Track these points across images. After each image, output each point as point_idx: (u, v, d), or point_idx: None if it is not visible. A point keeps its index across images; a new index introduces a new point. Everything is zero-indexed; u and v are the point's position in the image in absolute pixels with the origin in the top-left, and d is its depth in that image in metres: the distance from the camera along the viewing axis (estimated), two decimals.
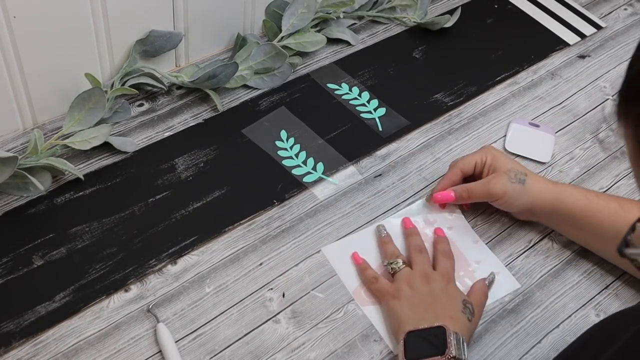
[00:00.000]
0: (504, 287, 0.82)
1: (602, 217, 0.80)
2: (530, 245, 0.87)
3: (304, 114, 0.99)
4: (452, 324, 0.72)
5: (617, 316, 0.67)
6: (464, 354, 0.70)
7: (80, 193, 0.87)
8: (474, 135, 1.00)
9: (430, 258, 0.82)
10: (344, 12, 1.11)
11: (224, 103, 0.99)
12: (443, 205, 0.88)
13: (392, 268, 0.80)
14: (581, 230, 0.83)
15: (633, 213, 0.80)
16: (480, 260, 0.85)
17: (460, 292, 0.77)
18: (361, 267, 0.82)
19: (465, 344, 0.71)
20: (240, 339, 0.76)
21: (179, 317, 0.77)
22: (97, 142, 0.89)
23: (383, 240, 0.85)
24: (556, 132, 1.02)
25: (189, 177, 0.90)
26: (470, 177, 0.87)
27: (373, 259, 0.83)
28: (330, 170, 0.93)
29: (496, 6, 1.22)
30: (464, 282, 0.82)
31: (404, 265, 0.80)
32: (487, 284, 0.81)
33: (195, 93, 1.00)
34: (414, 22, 1.16)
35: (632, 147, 0.43)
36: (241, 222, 0.86)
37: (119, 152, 0.91)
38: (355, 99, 1.03)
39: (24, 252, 0.80)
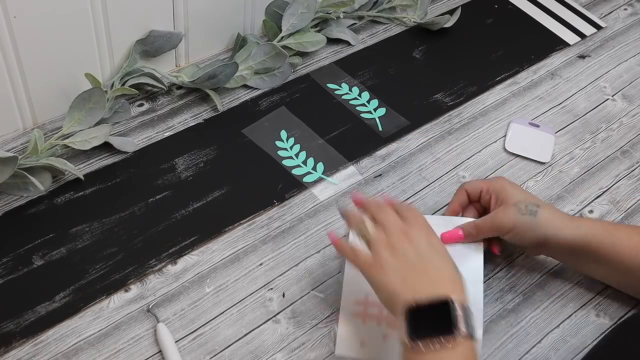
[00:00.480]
0: None
1: (623, 250, 0.75)
2: None
3: (304, 114, 0.99)
4: (454, 290, 0.65)
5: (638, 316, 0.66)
6: (473, 329, 0.63)
7: (80, 193, 0.87)
8: (474, 135, 1.00)
9: (413, 219, 0.72)
10: (344, 12, 1.11)
11: (224, 103, 1.00)
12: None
13: (362, 235, 0.71)
14: (600, 265, 0.78)
15: None
16: None
17: (442, 243, 0.71)
18: (339, 244, 0.73)
19: (472, 315, 0.64)
20: (240, 339, 0.76)
21: (179, 317, 0.77)
22: (97, 142, 0.89)
23: (346, 215, 0.75)
24: (556, 132, 1.02)
25: (189, 177, 0.90)
26: (477, 205, 0.83)
27: None
28: (330, 170, 0.93)
29: (496, 6, 1.22)
30: None
31: (374, 229, 0.70)
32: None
33: (195, 93, 1.00)
34: (414, 22, 1.16)
35: None
36: (241, 222, 0.86)
37: (119, 152, 0.91)
38: (355, 99, 1.03)
39: (24, 252, 0.80)
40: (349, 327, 0.76)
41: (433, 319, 0.63)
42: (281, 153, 0.94)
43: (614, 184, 0.96)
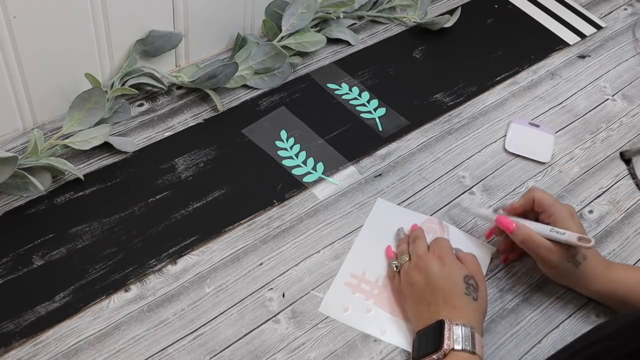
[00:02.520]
0: None
1: None
2: None
3: (304, 114, 1.00)
4: (456, 314, 0.71)
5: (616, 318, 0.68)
6: (471, 346, 0.68)
7: (80, 193, 0.87)
8: (474, 135, 1.00)
9: (427, 243, 0.80)
10: (344, 12, 1.11)
11: (224, 103, 1.00)
12: (488, 235, 0.86)
13: (395, 266, 0.80)
14: (624, 307, 0.79)
15: None
16: None
17: (460, 267, 0.75)
18: (389, 264, 0.82)
19: (474, 335, 0.69)
20: (240, 339, 0.76)
21: (179, 317, 0.77)
22: (97, 142, 0.89)
23: (399, 241, 0.85)
24: (556, 132, 1.02)
25: (189, 177, 0.90)
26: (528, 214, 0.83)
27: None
28: (330, 170, 0.93)
29: (496, 6, 1.22)
30: None
31: (407, 260, 0.79)
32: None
33: (195, 93, 1.00)
34: (414, 22, 1.16)
35: None
36: (241, 222, 0.86)
37: (119, 152, 0.91)
38: (355, 99, 1.03)
39: (24, 252, 0.80)
40: (339, 292, 0.81)
41: (432, 339, 0.70)
42: (281, 153, 0.94)
43: (614, 184, 0.96)
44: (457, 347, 0.68)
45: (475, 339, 0.69)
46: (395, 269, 0.80)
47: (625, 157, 0.51)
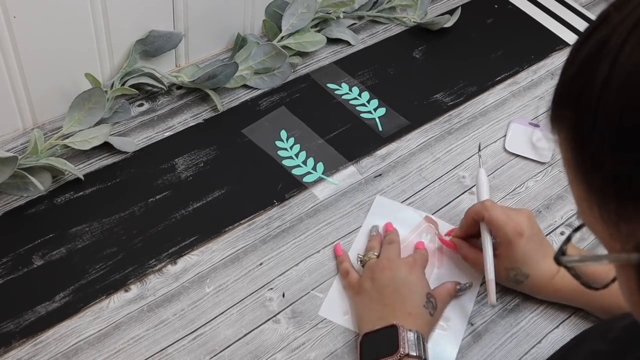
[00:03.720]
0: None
1: (594, 305, 0.78)
2: None
3: (304, 114, 0.99)
4: (411, 321, 0.71)
5: (592, 329, 0.68)
6: (422, 352, 0.69)
7: (80, 193, 0.87)
8: (474, 135, 1.00)
9: (400, 250, 0.81)
10: (344, 12, 1.11)
11: (224, 103, 0.99)
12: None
13: (362, 260, 0.81)
14: (589, 308, 0.80)
15: None
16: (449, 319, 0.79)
17: (425, 284, 0.76)
18: (339, 260, 0.82)
19: (424, 341, 0.70)
20: (240, 339, 0.76)
21: (179, 317, 0.77)
22: (97, 142, 0.89)
23: (370, 237, 0.85)
24: None
25: (189, 177, 0.90)
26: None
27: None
28: (330, 170, 0.93)
29: (496, 6, 1.22)
30: None
31: (375, 256, 0.79)
32: (458, 289, 0.80)
33: (195, 93, 1.00)
34: (414, 22, 1.16)
35: (566, 152, 0.41)
36: (241, 222, 0.86)
37: (119, 152, 0.91)
38: (355, 99, 1.03)
39: (24, 252, 0.80)
40: (338, 295, 0.80)
41: (382, 343, 0.70)
42: (281, 153, 0.94)
43: None
44: (412, 353, 0.68)
45: (425, 346, 0.70)
46: (358, 262, 0.81)
47: (562, 263, 0.51)
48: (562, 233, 0.89)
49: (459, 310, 0.80)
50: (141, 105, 0.98)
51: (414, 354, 0.68)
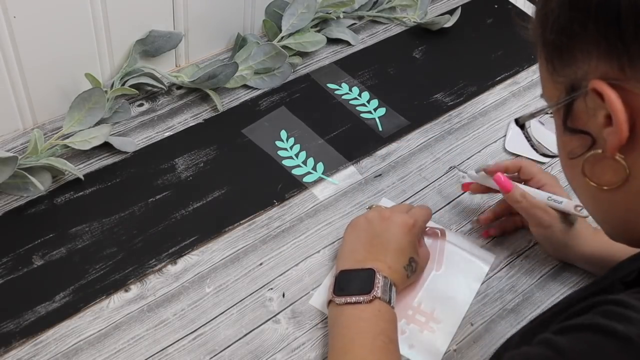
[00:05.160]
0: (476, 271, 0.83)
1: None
2: (530, 245, 0.87)
3: (304, 114, 0.99)
4: (388, 272, 0.74)
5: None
6: (391, 298, 0.73)
7: (80, 193, 0.87)
8: (474, 135, 1.00)
9: (409, 216, 0.80)
10: (344, 12, 1.11)
11: (224, 103, 1.00)
12: (466, 187, 0.88)
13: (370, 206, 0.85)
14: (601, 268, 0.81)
15: None
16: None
17: (413, 249, 0.77)
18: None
19: (394, 289, 0.74)
20: (240, 339, 0.76)
21: (179, 317, 0.77)
22: (97, 142, 0.89)
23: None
24: None
25: (189, 177, 0.90)
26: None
27: None
28: (330, 170, 0.93)
29: (496, 6, 1.22)
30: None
31: (382, 207, 0.82)
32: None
33: (195, 93, 1.00)
34: (414, 22, 1.16)
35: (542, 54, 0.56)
36: (241, 222, 0.86)
37: (119, 152, 0.91)
38: (355, 99, 1.03)
39: (24, 252, 0.80)
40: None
41: (357, 281, 0.73)
42: (281, 153, 0.94)
43: None
44: (384, 296, 0.72)
45: (394, 294, 0.74)
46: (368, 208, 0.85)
47: (520, 123, 0.59)
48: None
49: (451, 312, 0.79)
50: (141, 105, 0.98)
51: (385, 298, 0.72)
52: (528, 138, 0.64)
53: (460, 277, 0.83)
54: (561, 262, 0.85)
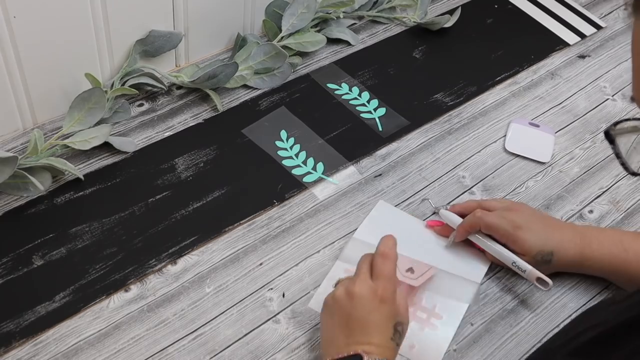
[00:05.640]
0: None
1: (633, 272, 0.79)
2: None
3: (304, 114, 0.99)
4: (377, 350, 0.67)
5: (599, 303, 0.68)
6: None
7: (80, 193, 0.87)
8: (474, 135, 1.00)
9: (375, 282, 0.71)
10: (344, 12, 1.11)
11: (224, 103, 1.00)
12: (431, 223, 0.87)
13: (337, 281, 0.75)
14: (615, 278, 0.82)
15: None
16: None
17: (395, 314, 0.69)
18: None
19: None
20: (240, 339, 0.76)
21: (179, 317, 0.77)
22: (97, 142, 0.89)
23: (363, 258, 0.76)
24: (556, 132, 1.02)
25: (189, 177, 0.90)
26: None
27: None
28: (330, 170, 0.93)
29: (496, 6, 1.22)
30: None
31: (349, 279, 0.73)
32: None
33: (195, 93, 1.00)
34: (414, 22, 1.16)
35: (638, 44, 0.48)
36: (241, 222, 0.86)
37: (119, 152, 0.91)
38: (355, 99, 1.03)
39: (24, 252, 0.80)
40: (330, 290, 0.76)
41: None
42: (281, 153, 0.94)
43: (614, 184, 0.96)
44: None
45: None
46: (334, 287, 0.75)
47: (611, 137, 0.56)
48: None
49: (452, 309, 0.79)
50: (141, 105, 0.98)
51: None
52: (618, 155, 0.57)
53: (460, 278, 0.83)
54: None
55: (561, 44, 1.16)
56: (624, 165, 0.57)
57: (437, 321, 0.78)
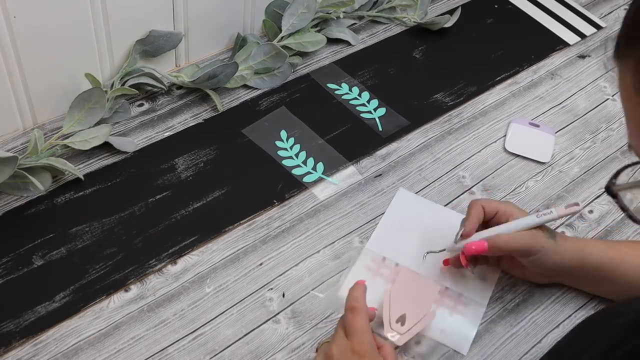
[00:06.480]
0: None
1: (629, 263, 0.77)
2: None
3: (304, 114, 0.99)
4: None
5: (603, 311, 0.68)
6: None
7: (80, 193, 0.87)
8: (474, 135, 1.00)
9: (366, 322, 0.68)
10: (344, 12, 1.11)
11: (224, 103, 1.00)
12: (447, 262, 0.82)
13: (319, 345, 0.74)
14: (610, 282, 0.79)
15: None
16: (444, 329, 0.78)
17: None
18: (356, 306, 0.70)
19: None
20: (240, 339, 0.76)
21: (179, 317, 0.77)
22: (97, 142, 0.89)
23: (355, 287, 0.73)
24: (556, 132, 1.02)
25: (189, 177, 0.90)
26: (484, 225, 0.80)
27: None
28: (330, 170, 0.93)
29: (496, 6, 1.22)
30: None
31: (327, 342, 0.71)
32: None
33: (195, 93, 1.00)
34: (414, 22, 1.16)
35: (633, 87, 0.44)
36: (241, 222, 0.86)
37: (119, 152, 0.91)
38: (355, 99, 1.03)
39: (24, 252, 0.80)
40: (359, 276, 0.81)
41: None
42: (281, 153, 0.94)
43: None
44: None
45: None
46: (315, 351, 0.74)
47: (612, 192, 0.54)
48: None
49: (479, 290, 0.81)
50: (141, 105, 0.98)
51: None
52: (625, 209, 0.54)
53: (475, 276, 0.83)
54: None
55: (561, 44, 1.16)
56: (632, 217, 0.54)
57: (464, 308, 0.80)
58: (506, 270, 0.83)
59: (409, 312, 0.76)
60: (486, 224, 0.79)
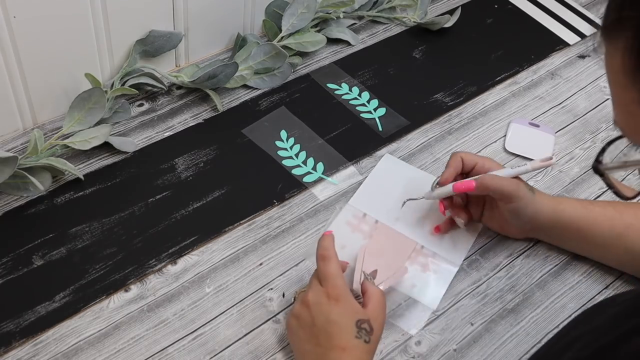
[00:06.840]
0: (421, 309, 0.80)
1: (600, 222, 0.81)
2: (531, 245, 0.87)
3: (304, 114, 0.99)
4: (347, 355, 0.66)
5: (599, 303, 0.68)
6: None
7: (80, 193, 0.87)
8: (474, 135, 1.00)
9: (324, 285, 0.71)
10: (344, 12, 1.11)
11: (224, 103, 1.00)
12: (437, 229, 0.86)
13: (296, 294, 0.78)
14: (581, 240, 0.83)
15: (629, 215, 0.81)
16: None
17: (352, 312, 0.69)
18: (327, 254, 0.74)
19: None
20: (240, 339, 0.76)
21: (179, 317, 0.77)
22: (97, 142, 0.89)
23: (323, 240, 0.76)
24: (556, 132, 1.02)
25: (189, 177, 0.90)
26: (462, 176, 0.84)
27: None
28: (330, 170, 0.93)
29: (496, 6, 1.22)
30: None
31: (303, 291, 0.75)
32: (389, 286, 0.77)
33: (195, 93, 1.00)
34: (414, 22, 1.16)
35: (623, 57, 0.43)
36: (241, 222, 0.86)
37: (119, 152, 0.91)
38: (355, 99, 1.03)
39: (24, 252, 0.80)
40: (338, 230, 0.84)
41: None
42: (281, 153, 0.94)
43: None
44: None
45: None
46: (293, 298, 0.78)
47: (600, 172, 0.55)
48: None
49: (453, 251, 0.84)
50: (141, 105, 0.98)
51: None
52: (610, 186, 0.56)
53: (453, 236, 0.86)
54: (561, 262, 0.85)
55: (561, 44, 1.16)
56: (617, 194, 0.57)
57: (437, 267, 0.83)
58: (486, 223, 0.86)
59: (382, 267, 0.79)
60: (465, 175, 0.84)
